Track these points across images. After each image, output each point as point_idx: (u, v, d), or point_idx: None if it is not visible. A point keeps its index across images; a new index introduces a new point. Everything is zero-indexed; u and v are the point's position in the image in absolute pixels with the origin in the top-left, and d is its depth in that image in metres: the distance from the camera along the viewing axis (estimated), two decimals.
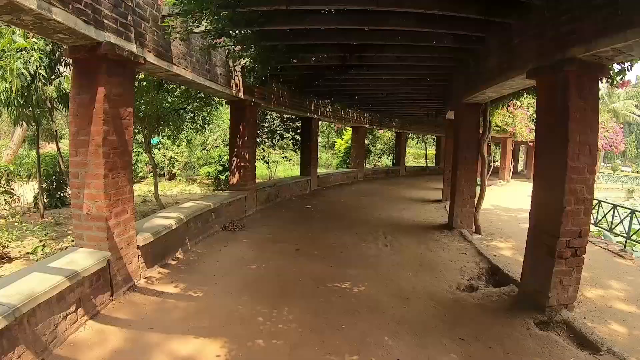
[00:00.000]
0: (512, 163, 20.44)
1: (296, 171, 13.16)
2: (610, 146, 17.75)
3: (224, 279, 3.92)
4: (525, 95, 7.90)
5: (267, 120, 13.15)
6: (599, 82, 3.71)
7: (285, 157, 15.27)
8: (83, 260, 3.04)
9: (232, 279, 3.95)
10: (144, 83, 6.99)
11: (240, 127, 6.92)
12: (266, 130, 12.80)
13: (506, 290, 3.96)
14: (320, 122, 11.80)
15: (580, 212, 3.43)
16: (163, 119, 7.44)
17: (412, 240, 5.90)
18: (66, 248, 3.95)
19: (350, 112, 12.99)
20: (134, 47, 3.52)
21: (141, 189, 10.65)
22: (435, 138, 22.13)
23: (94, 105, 3.15)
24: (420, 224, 7.15)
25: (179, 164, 13.54)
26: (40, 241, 4.51)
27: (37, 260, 4.01)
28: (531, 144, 19.20)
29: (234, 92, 6.14)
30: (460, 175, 6.28)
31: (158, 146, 13.53)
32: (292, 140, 13.73)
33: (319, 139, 13.83)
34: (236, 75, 6.20)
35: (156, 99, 6.82)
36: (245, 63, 6.05)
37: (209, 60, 5.27)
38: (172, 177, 13.39)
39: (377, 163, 21.56)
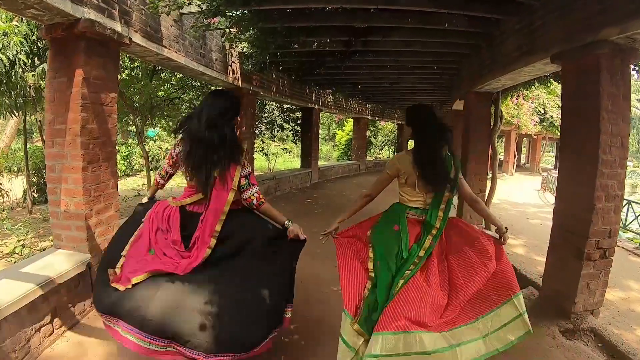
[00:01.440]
0: (516, 156, 20.11)
1: (296, 163, 12.81)
2: None
3: None
4: (536, 85, 7.57)
5: (266, 110, 12.76)
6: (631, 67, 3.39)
7: (285, 148, 14.91)
8: (60, 264, 2.72)
9: None
10: (137, 71, 6.63)
11: (238, 117, 6.55)
12: (265, 121, 12.41)
13: (525, 293, 3.64)
14: (321, 113, 11.41)
15: (611, 210, 3.11)
16: (157, 109, 7.06)
17: None
18: (44, 249, 3.62)
19: (351, 103, 12.62)
20: (118, 26, 3.16)
21: (136, 182, 10.32)
22: None
23: (71, 89, 2.80)
24: None
25: None
26: (19, 241, 4.19)
27: (14, 262, 3.68)
28: (535, 137, 18.91)
29: (230, 79, 5.77)
30: (470, 168, 5.94)
31: (154, 138, 13.15)
32: (292, 132, 13.36)
33: (320, 131, 13.46)
34: (233, 62, 5.83)
35: (148, 87, 6.44)
36: (242, 49, 5.68)
37: (204, 45, 4.90)
38: None
39: (378, 155, 21.21)
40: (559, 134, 17.20)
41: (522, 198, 10.74)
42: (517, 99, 10.52)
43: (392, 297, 1.95)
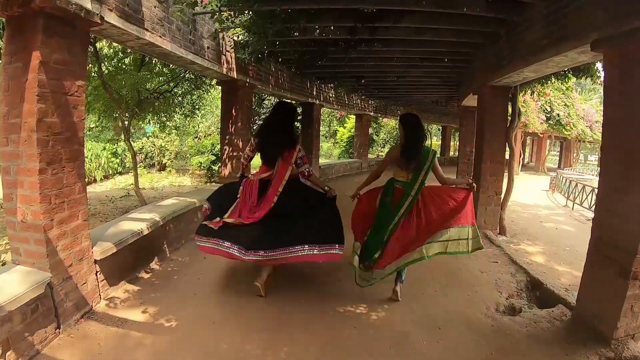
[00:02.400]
0: (522, 155, 19.63)
1: None
2: None
3: (207, 300, 3.13)
4: (552, 80, 7.09)
5: (264, 105, 12.27)
6: None
7: None
8: (13, 285, 2.26)
9: (217, 299, 3.17)
10: (127, 60, 6.15)
11: (233, 111, 6.07)
12: (263, 116, 11.90)
13: (556, 313, 3.20)
14: (322, 109, 10.94)
15: None
16: (146, 103, 6.57)
17: None
18: (4, 264, 3.16)
19: (354, 99, 12.14)
20: (87, 2, 2.68)
21: (127, 180, 9.83)
22: (441, 128, 21.27)
23: (27, 76, 2.34)
24: None
25: (170, 153, 12.64)
26: None
27: None
28: (542, 135, 18.43)
29: (225, 70, 5.29)
30: (485, 168, 5.49)
31: (148, 135, 12.66)
32: None
33: (320, 127, 12.97)
34: (227, 51, 5.34)
35: (135, 78, 5.95)
36: (237, 36, 5.19)
37: (194, 30, 4.42)
38: (162, 167, 12.51)
39: (380, 153, 20.72)
40: (565, 132, 16.64)
41: (531, 199, 10.29)
42: (531, 95, 10.03)
43: (384, 243, 3.11)
